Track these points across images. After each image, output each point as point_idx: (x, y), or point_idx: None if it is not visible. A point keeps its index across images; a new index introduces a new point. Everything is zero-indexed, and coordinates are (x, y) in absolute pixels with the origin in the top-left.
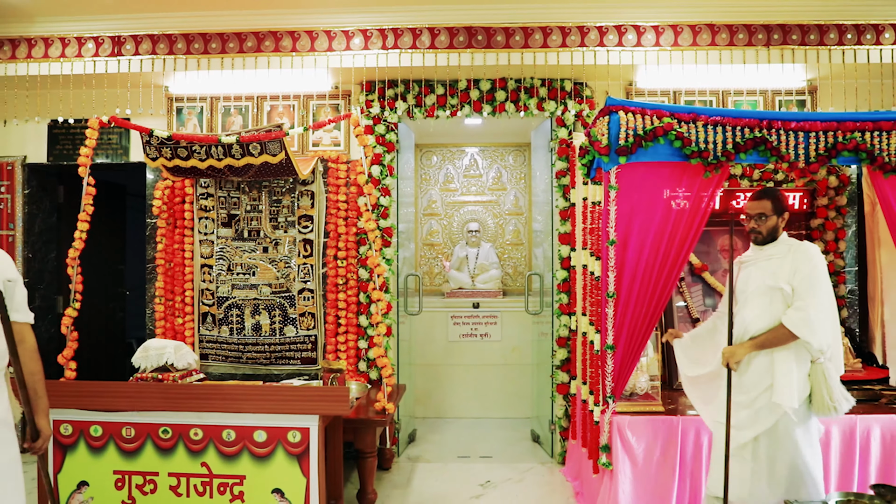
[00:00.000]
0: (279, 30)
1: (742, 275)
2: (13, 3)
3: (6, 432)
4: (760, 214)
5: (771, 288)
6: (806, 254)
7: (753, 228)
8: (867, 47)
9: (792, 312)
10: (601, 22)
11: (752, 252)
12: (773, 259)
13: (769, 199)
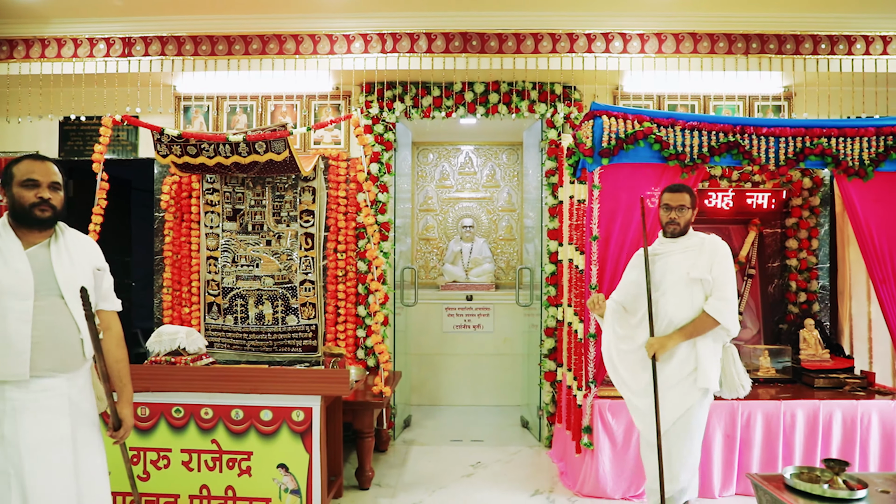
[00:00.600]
0: (283, 33)
1: (656, 266)
2: (28, 5)
3: (95, 435)
4: (681, 206)
5: (693, 279)
6: (721, 246)
7: (673, 220)
8: (840, 57)
9: (714, 302)
10: (589, 30)
11: (662, 244)
12: (690, 251)
13: (688, 193)
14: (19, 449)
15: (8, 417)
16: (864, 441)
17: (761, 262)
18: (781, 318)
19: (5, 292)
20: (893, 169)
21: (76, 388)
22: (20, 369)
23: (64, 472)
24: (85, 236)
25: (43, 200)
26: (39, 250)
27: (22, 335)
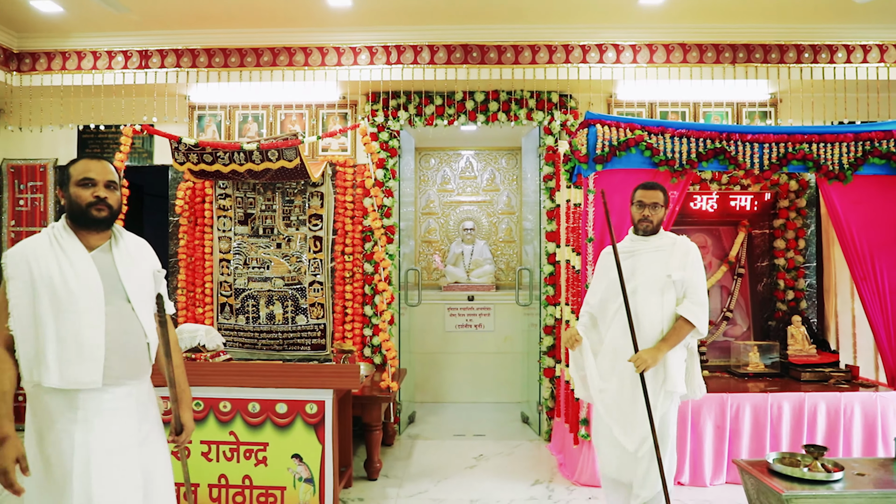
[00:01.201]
0: (293, 46)
1: (626, 265)
2: (50, 20)
3: (160, 437)
4: (655, 204)
5: (666, 280)
6: (693, 248)
7: (646, 217)
8: (823, 65)
9: (690, 305)
10: (584, 41)
11: (632, 242)
12: (662, 251)
13: (661, 191)
14: (89, 456)
15: (80, 425)
16: (847, 430)
17: (750, 262)
18: (770, 315)
19: (77, 297)
20: (872, 172)
21: (143, 393)
22: (93, 377)
23: (131, 479)
24: (141, 239)
25: (99, 199)
26: (102, 253)
27: (95, 342)
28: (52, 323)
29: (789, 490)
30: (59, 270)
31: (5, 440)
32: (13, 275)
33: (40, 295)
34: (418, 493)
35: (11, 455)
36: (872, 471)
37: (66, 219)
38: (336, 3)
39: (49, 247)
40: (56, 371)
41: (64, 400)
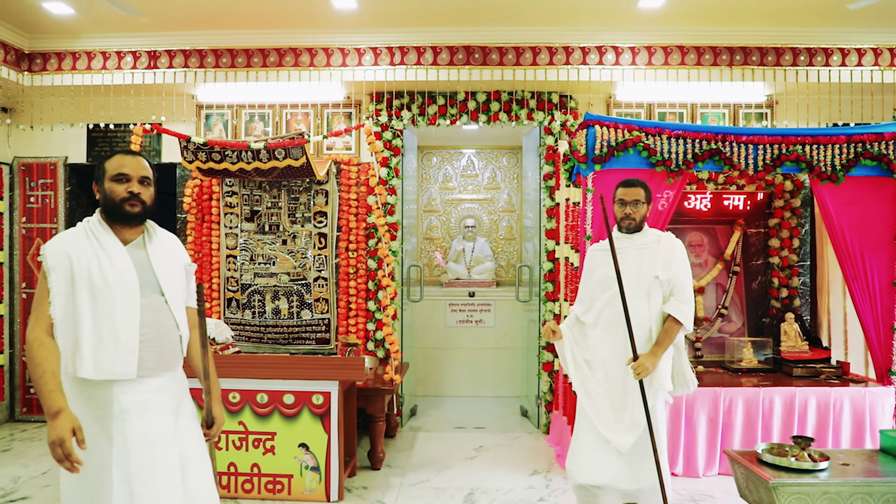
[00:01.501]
0: (298, 47)
1: (612, 262)
2: (61, 22)
3: (196, 427)
4: (636, 201)
5: (654, 278)
6: (678, 246)
7: (628, 215)
8: (818, 68)
9: (678, 304)
10: (584, 43)
11: (618, 240)
12: (647, 249)
13: (642, 187)
14: (127, 449)
15: (116, 418)
16: (836, 424)
17: (745, 260)
18: (764, 312)
19: (114, 289)
20: (863, 174)
21: (177, 384)
22: (129, 368)
23: (170, 470)
24: (172, 234)
25: (133, 195)
26: (137, 247)
27: (131, 334)
28: (89, 314)
29: (776, 478)
30: (98, 263)
31: (60, 412)
32: (54, 266)
33: (79, 287)
34: (420, 482)
35: (67, 425)
36: (857, 461)
37: (100, 213)
38: (341, 6)
39: (86, 240)
40: (91, 362)
41: (99, 392)
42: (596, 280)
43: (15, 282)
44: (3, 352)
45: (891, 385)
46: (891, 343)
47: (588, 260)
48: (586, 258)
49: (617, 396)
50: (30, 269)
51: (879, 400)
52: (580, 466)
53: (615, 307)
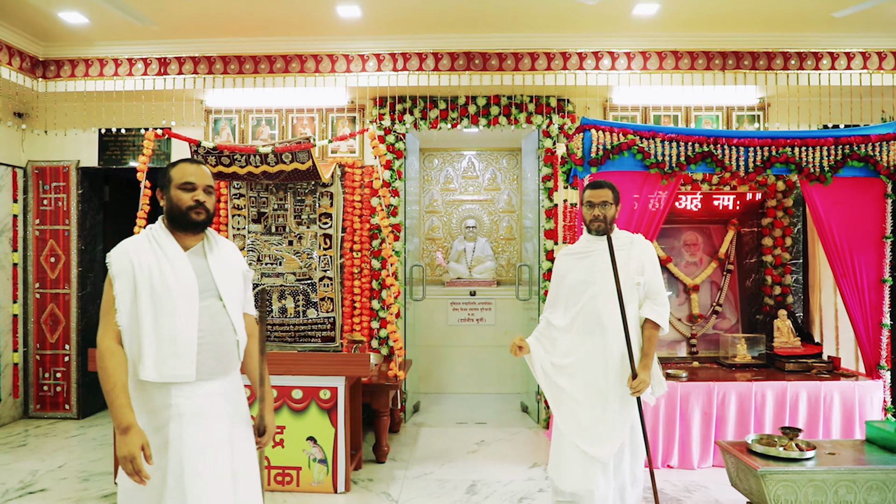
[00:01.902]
0: (304, 53)
1: (584, 264)
2: (75, 30)
3: (249, 434)
4: (604, 202)
5: (629, 283)
6: (650, 248)
7: (597, 216)
8: (808, 72)
9: (655, 307)
10: (581, 49)
11: (589, 243)
12: (620, 251)
13: (609, 188)
14: (182, 452)
15: (173, 421)
16: (826, 417)
17: (739, 259)
18: (758, 309)
19: (174, 293)
20: (851, 174)
21: (233, 389)
22: (187, 371)
23: (223, 475)
24: (230, 241)
25: (199, 203)
26: (197, 253)
27: (189, 337)
28: (150, 318)
29: (764, 467)
30: (159, 268)
31: (129, 428)
32: (118, 272)
33: (141, 292)
34: (424, 474)
35: (137, 442)
36: (843, 451)
37: (162, 220)
38: (346, 14)
39: (148, 246)
40: (153, 365)
41: (159, 394)
42: (569, 285)
43: (29, 282)
44: (18, 350)
45: (879, 379)
46: (879, 338)
47: (558, 264)
48: (556, 263)
49: (595, 403)
50: (43, 270)
51: (868, 393)
52: (563, 474)
53: (591, 312)
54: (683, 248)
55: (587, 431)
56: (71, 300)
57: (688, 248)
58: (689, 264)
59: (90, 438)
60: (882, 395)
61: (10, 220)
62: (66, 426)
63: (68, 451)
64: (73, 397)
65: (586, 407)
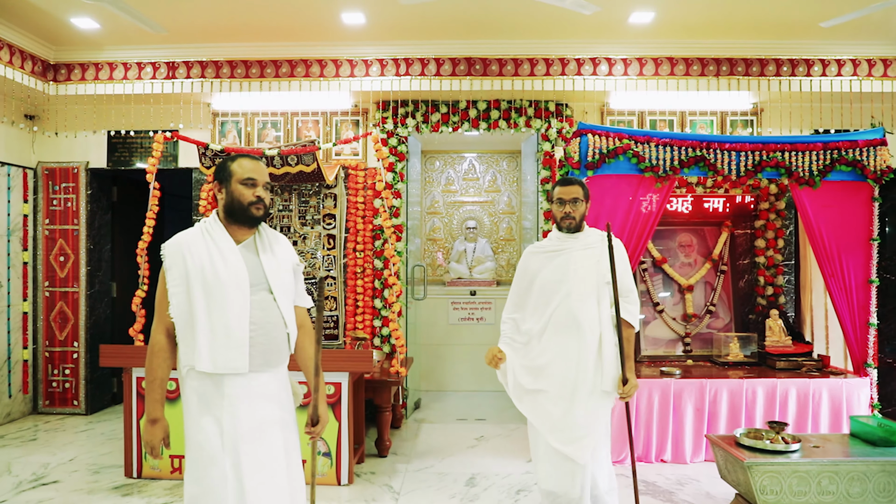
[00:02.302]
0: (309, 58)
1: (556, 263)
2: (86, 35)
3: (294, 427)
4: (575, 199)
5: (601, 281)
6: (620, 245)
7: (568, 214)
8: (800, 78)
9: (628, 307)
10: (579, 55)
11: (560, 241)
12: (592, 249)
13: (580, 185)
14: (236, 442)
15: (227, 411)
16: (815, 413)
17: (733, 260)
18: (751, 309)
19: (226, 286)
20: (839, 178)
21: (282, 380)
22: (240, 363)
23: (278, 465)
24: (280, 234)
25: (259, 199)
26: (248, 247)
27: (242, 329)
28: (203, 311)
29: (751, 458)
30: (211, 261)
31: (157, 421)
32: (171, 265)
33: (193, 284)
34: (425, 467)
35: (159, 435)
36: (828, 444)
37: (217, 213)
38: (350, 21)
39: (201, 239)
40: (208, 357)
41: (213, 385)
42: (540, 285)
43: (38, 280)
44: (27, 347)
45: (866, 376)
46: (866, 337)
47: (527, 262)
48: (524, 260)
49: (566, 404)
50: (52, 269)
51: (856, 390)
52: (540, 472)
53: (566, 312)
54: (678, 249)
55: (563, 433)
56: (80, 298)
57: (682, 249)
58: (683, 265)
59: (99, 433)
60: (869, 392)
61: (20, 219)
62: (75, 421)
63: (78, 446)
64: (82, 393)
65: (561, 407)
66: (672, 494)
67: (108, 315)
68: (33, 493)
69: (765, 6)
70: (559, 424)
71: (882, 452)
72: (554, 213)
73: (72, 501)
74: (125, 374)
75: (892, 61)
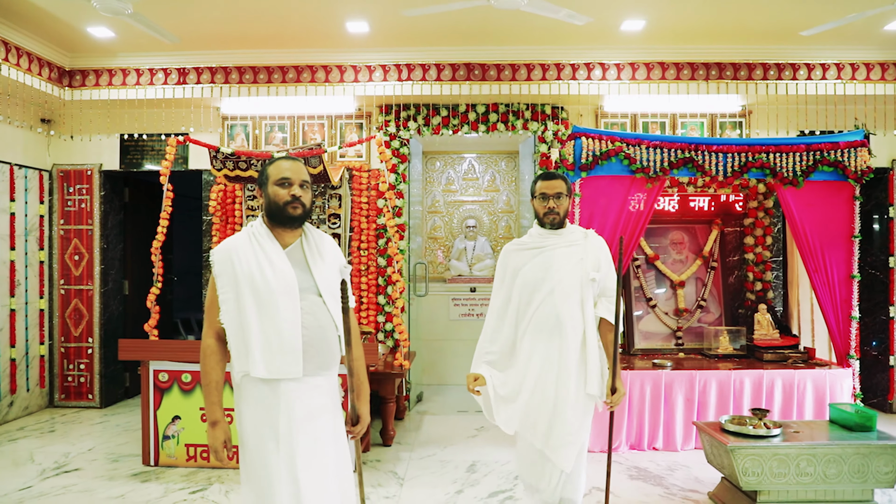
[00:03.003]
0: (314, 64)
1: (538, 261)
2: (100, 43)
3: (343, 428)
4: (559, 193)
5: (585, 279)
6: (604, 244)
7: (552, 209)
8: (786, 81)
9: (609, 306)
10: (574, 60)
11: (542, 238)
12: (576, 246)
13: (563, 180)
14: (293, 447)
15: (283, 415)
16: (800, 402)
17: (723, 257)
18: (740, 304)
19: (275, 291)
20: (822, 178)
21: (333, 384)
22: (295, 368)
23: (330, 468)
24: (326, 235)
25: (295, 198)
26: (295, 250)
27: (294, 334)
28: (255, 317)
29: (734, 443)
30: (259, 268)
31: (216, 424)
32: (220, 271)
33: (243, 290)
34: (427, 456)
35: (220, 437)
36: (807, 430)
37: (262, 218)
38: (355, 29)
39: (248, 244)
40: (262, 362)
41: (268, 390)
42: (522, 283)
43: (54, 279)
44: (44, 343)
45: (849, 367)
46: (849, 330)
47: (508, 260)
48: (503, 259)
49: (549, 410)
50: (67, 267)
51: (839, 380)
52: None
53: (549, 312)
54: (670, 246)
55: (549, 439)
56: (94, 296)
57: (674, 246)
58: (675, 262)
59: (114, 425)
60: (851, 382)
61: (37, 220)
62: (90, 414)
63: (95, 436)
64: (96, 387)
65: (545, 414)
66: (662, 479)
67: (121, 312)
68: (57, 480)
69: (751, 14)
70: (540, 429)
71: (857, 437)
72: (536, 208)
73: (94, 487)
74: (142, 368)
75: (874, 65)
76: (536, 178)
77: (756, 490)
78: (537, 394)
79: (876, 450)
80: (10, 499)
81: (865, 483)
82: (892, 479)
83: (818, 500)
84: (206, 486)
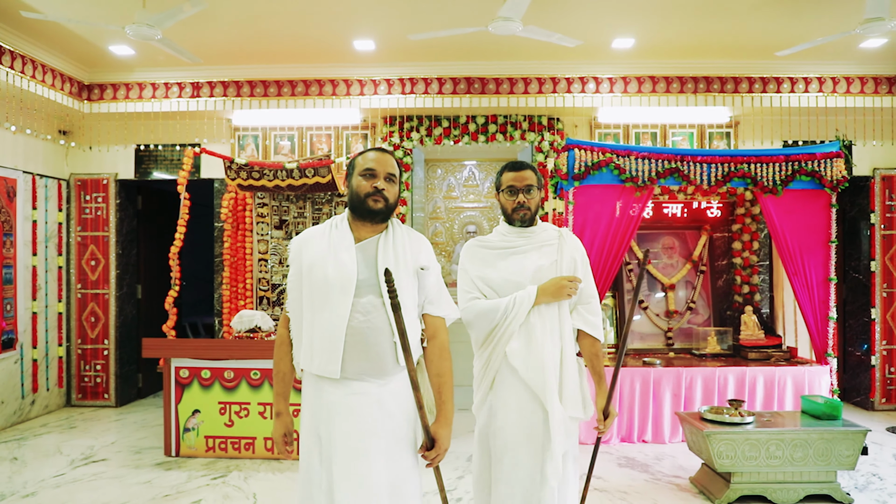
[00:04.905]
0: (322, 78)
1: (508, 263)
2: (118, 59)
3: (406, 451)
4: (529, 186)
5: None
6: (581, 245)
7: (522, 204)
8: (771, 94)
9: (590, 318)
10: (569, 75)
11: (510, 237)
12: (549, 246)
13: (532, 170)
14: (331, 453)
15: (323, 420)
16: (781, 397)
17: (711, 261)
18: (728, 306)
19: (331, 287)
20: (800, 187)
21: (388, 392)
22: (332, 367)
23: (374, 487)
24: (417, 234)
25: (377, 191)
26: (369, 245)
27: (337, 332)
28: (308, 309)
29: (710, 429)
30: (322, 258)
31: (278, 415)
32: (291, 260)
33: (304, 282)
34: None
35: (280, 430)
36: (779, 419)
37: (348, 210)
38: (361, 48)
39: (322, 235)
40: (307, 357)
41: (314, 389)
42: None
43: (71, 283)
44: (62, 344)
45: (827, 365)
46: (826, 329)
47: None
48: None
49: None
50: (84, 272)
51: (817, 377)
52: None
53: (530, 322)
54: (662, 251)
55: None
56: (110, 299)
57: (665, 251)
58: (666, 266)
59: (131, 422)
60: (829, 379)
61: (56, 227)
62: (107, 413)
63: (116, 432)
64: (112, 387)
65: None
66: (649, 467)
67: (135, 315)
68: (87, 469)
69: (732, 33)
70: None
71: (823, 424)
72: (503, 203)
73: (122, 474)
74: (164, 365)
75: (854, 79)
76: (502, 168)
77: (730, 472)
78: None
79: (839, 435)
80: (48, 483)
81: (829, 465)
82: (853, 462)
83: (786, 481)
84: (226, 474)
